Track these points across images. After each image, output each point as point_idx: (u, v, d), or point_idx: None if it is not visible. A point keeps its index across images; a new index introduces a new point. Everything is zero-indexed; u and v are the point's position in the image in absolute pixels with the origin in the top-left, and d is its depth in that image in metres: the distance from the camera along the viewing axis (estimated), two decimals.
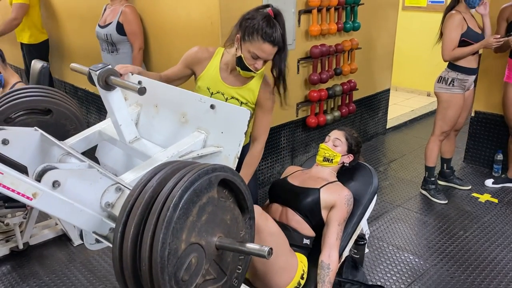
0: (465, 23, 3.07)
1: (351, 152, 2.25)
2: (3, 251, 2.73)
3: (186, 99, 1.45)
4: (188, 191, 0.88)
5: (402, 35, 5.56)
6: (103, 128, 1.54)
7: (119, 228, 0.91)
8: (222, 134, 1.35)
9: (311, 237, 2.07)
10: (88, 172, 1.05)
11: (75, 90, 4.92)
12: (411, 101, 6.03)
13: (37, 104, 1.57)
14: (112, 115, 1.41)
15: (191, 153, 1.33)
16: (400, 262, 2.69)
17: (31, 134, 1.28)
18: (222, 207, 0.98)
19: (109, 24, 3.38)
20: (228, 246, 0.96)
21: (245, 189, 1.05)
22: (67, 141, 1.45)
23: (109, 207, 1.07)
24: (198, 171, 0.92)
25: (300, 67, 3.55)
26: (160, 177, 0.94)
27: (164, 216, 0.85)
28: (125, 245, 0.89)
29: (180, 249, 0.88)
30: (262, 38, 1.81)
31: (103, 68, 1.33)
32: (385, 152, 4.45)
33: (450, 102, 3.23)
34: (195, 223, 0.91)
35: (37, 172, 1.00)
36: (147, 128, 1.55)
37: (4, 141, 1.21)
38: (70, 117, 1.62)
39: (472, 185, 3.62)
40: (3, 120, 1.51)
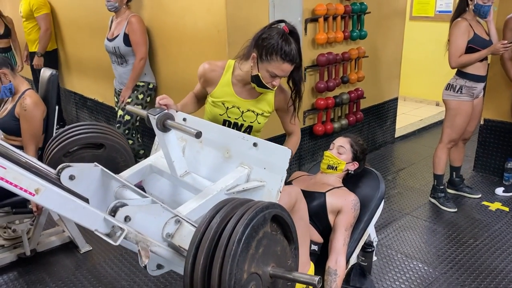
0: (471, 29, 3.07)
1: (356, 159, 2.23)
2: (10, 258, 2.74)
3: (230, 137, 1.58)
4: (249, 228, 1.01)
5: (410, 45, 5.56)
6: (154, 162, 1.70)
7: (189, 259, 1.03)
8: (264, 170, 1.46)
9: (318, 243, 2.05)
10: (153, 207, 1.19)
11: (85, 100, 4.97)
12: (419, 111, 6.00)
13: (93, 140, 1.73)
14: (167, 153, 1.55)
15: (237, 187, 1.46)
16: (409, 270, 2.65)
17: (92, 169, 1.41)
18: (274, 240, 1.11)
19: (116, 37, 3.42)
20: (280, 275, 1.09)
21: (291, 223, 1.16)
22: (122, 174, 1.61)
23: (169, 237, 1.20)
24: (256, 209, 1.05)
25: (307, 75, 3.55)
26: (222, 214, 1.07)
27: (230, 250, 0.98)
28: (195, 275, 1.01)
29: (243, 278, 1.01)
30: (281, 59, 1.79)
31: (160, 113, 1.47)
32: (393, 161, 4.42)
33: (459, 110, 3.20)
34: (254, 255, 1.04)
35: (110, 208, 1.14)
36: (192, 161, 1.69)
37: (71, 177, 1.35)
38: (120, 151, 1.77)
39: (482, 194, 3.57)
40: (62, 155, 1.66)
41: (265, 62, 1.82)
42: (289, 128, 2.15)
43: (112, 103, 4.18)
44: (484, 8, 3.00)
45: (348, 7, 3.61)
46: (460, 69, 3.16)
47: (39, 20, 4.69)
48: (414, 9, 6.23)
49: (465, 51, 3.09)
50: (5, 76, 2.56)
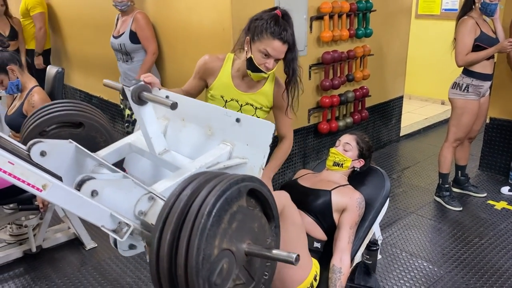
0: (478, 27, 3.05)
1: (362, 156, 2.23)
2: (16, 254, 2.76)
3: (212, 113, 1.51)
4: (221, 200, 0.94)
5: (415, 44, 5.54)
6: (133, 141, 1.62)
7: (156, 234, 0.95)
8: (247, 146, 1.40)
9: (322, 240, 2.05)
10: (123, 182, 1.11)
11: (90, 98, 4.99)
12: (425, 109, 5.97)
13: (70, 118, 1.64)
14: (144, 128, 1.47)
15: (218, 165, 1.39)
16: (413, 268, 2.64)
17: (66, 146, 1.34)
18: (250, 215, 1.03)
19: (122, 34, 3.43)
20: (256, 252, 1.01)
21: (271, 199, 1.10)
22: (99, 152, 1.52)
23: (142, 215, 1.12)
24: (229, 181, 0.98)
25: (312, 73, 3.55)
26: (193, 186, 0.99)
27: (198, 223, 0.90)
28: (161, 251, 0.94)
29: (213, 254, 0.93)
30: (271, 35, 1.81)
31: (136, 84, 1.40)
32: (398, 159, 4.41)
33: (465, 109, 3.19)
34: (226, 230, 0.96)
35: (77, 182, 1.05)
36: (174, 141, 1.62)
37: (42, 153, 1.27)
38: (100, 130, 1.68)
39: (487, 193, 3.56)
40: (38, 133, 1.57)
41: (256, 42, 1.84)
42: (282, 130, 2.08)
43: (117, 100, 4.20)
44: (491, 6, 2.98)
45: (354, 5, 3.60)
46: (467, 67, 3.14)
47: (34, 19, 4.79)
48: (419, 7, 6.21)
49: (472, 49, 3.07)
50: (12, 72, 2.58)
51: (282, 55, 1.88)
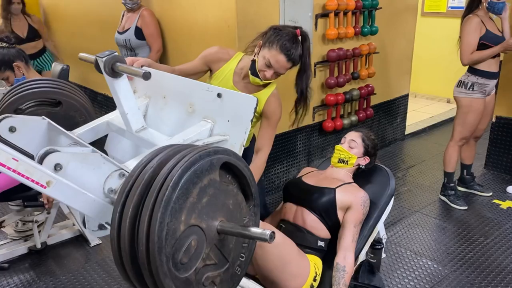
0: (483, 26, 3.02)
1: (367, 154, 2.22)
2: (21, 250, 2.77)
3: (194, 89, 1.44)
4: (188, 171, 0.86)
5: (421, 41, 5.50)
6: (111, 119, 1.53)
7: (117, 208, 0.89)
8: (228, 123, 1.34)
9: (326, 239, 2.04)
10: (91, 156, 1.03)
11: (95, 95, 5.00)
12: (430, 108, 5.94)
13: (46, 95, 1.56)
14: (119, 104, 1.39)
15: (197, 142, 1.33)
16: (418, 267, 2.63)
17: (38, 122, 1.26)
18: (224, 191, 0.95)
19: (127, 30, 3.43)
20: (229, 230, 0.94)
21: (250, 175, 1.02)
22: (75, 131, 1.44)
23: (112, 193, 1.05)
24: (200, 152, 0.90)
25: (317, 71, 3.53)
26: (160, 158, 0.92)
27: (162, 195, 0.83)
28: (123, 226, 0.87)
29: (179, 230, 0.86)
30: (280, 48, 1.85)
31: (110, 55, 1.31)
32: (403, 158, 4.39)
33: (470, 107, 3.16)
34: (195, 204, 0.88)
35: (40, 155, 0.99)
36: (155, 120, 1.54)
37: (11, 129, 1.20)
38: (79, 109, 1.61)
39: (493, 192, 3.53)
40: (12, 110, 1.50)
41: (265, 49, 1.88)
42: (261, 140, 2.04)
43: None
44: (499, 5, 2.95)
45: (359, 3, 3.58)
46: (472, 65, 3.12)
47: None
48: (426, 5, 6.17)
49: (477, 47, 3.04)
50: (18, 68, 2.58)
51: (283, 71, 1.91)
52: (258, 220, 1.08)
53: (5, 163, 0.94)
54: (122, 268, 0.91)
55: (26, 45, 4.30)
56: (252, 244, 1.07)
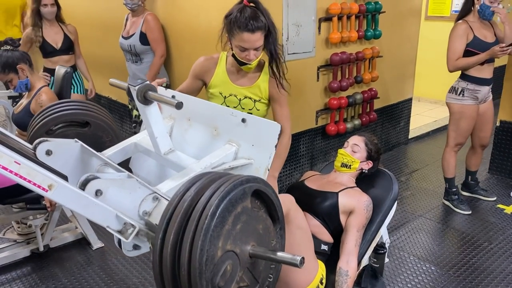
0: (471, 32, 2.99)
1: (370, 158, 2.21)
2: (24, 253, 2.77)
3: (218, 113, 1.50)
4: (225, 201, 0.93)
5: (425, 45, 5.48)
6: (139, 140, 1.61)
7: (159, 234, 0.95)
8: (253, 147, 1.39)
9: (329, 243, 2.03)
10: (128, 182, 1.10)
11: (98, 98, 5.01)
12: (434, 112, 5.93)
13: (76, 117, 1.64)
14: (149, 128, 1.46)
15: (223, 165, 1.38)
16: (421, 272, 2.61)
17: (72, 145, 1.33)
18: (255, 217, 1.02)
19: (132, 35, 3.44)
20: (261, 254, 1.00)
21: (277, 200, 1.08)
22: (105, 152, 1.51)
23: (146, 215, 1.11)
24: (234, 181, 0.97)
25: (320, 75, 3.53)
26: (197, 187, 0.99)
27: (202, 224, 0.90)
28: (165, 251, 0.94)
29: (216, 256, 0.92)
30: (239, 29, 1.83)
31: (142, 83, 1.39)
32: (407, 162, 4.38)
33: (462, 114, 3.14)
34: (230, 231, 0.95)
35: (81, 181, 1.05)
36: (180, 141, 1.61)
37: (48, 152, 1.27)
38: (106, 130, 1.69)
39: (497, 196, 3.52)
40: (44, 132, 1.58)
41: (232, 39, 1.89)
42: (281, 122, 2.05)
43: (126, 101, 4.21)
44: (487, 9, 2.93)
45: (363, 6, 3.58)
46: (463, 71, 3.10)
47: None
48: (429, 8, 6.16)
49: (464, 54, 3.02)
50: (22, 71, 2.60)
51: (258, 44, 1.88)
52: (284, 242, 1.13)
53: (7, 166, 0.94)
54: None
55: (58, 57, 3.68)
56: (279, 266, 1.13)
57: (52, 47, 3.65)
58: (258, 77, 2.04)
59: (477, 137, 3.32)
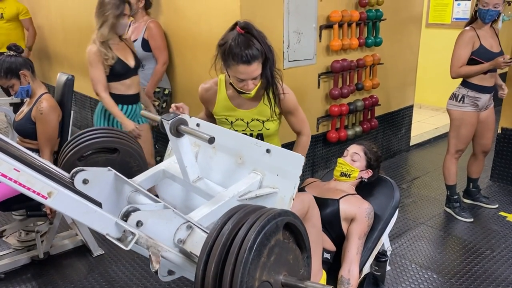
0: (477, 40, 2.99)
1: (370, 167, 2.20)
2: (24, 260, 2.76)
3: (243, 143, 1.56)
4: (260, 235, 0.99)
5: (426, 53, 5.50)
6: (166, 167, 1.69)
7: (200, 266, 1.01)
8: (277, 177, 1.44)
9: (331, 251, 2.02)
10: (165, 212, 1.18)
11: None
12: (435, 119, 5.92)
13: (107, 144, 1.72)
14: (180, 158, 1.54)
15: (249, 193, 1.44)
16: (423, 280, 2.60)
17: (106, 174, 1.40)
18: (286, 248, 1.08)
19: (134, 41, 3.45)
20: (292, 284, 1.07)
21: (304, 231, 1.14)
22: (135, 179, 1.60)
23: (181, 243, 1.18)
24: (268, 216, 1.03)
25: (321, 82, 3.54)
26: (234, 221, 1.05)
27: (242, 257, 0.96)
28: (206, 282, 0.99)
29: (254, 286, 0.99)
30: (235, 61, 1.77)
31: (174, 118, 1.46)
32: (408, 169, 4.37)
33: (462, 121, 3.13)
34: (265, 263, 1.01)
35: (123, 213, 1.13)
36: (205, 167, 1.68)
37: (85, 181, 1.33)
38: (134, 156, 1.75)
39: (499, 204, 3.50)
40: (76, 159, 1.66)
41: (228, 69, 1.85)
42: (296, 127, 2.12)
43: None
44: (483, 12, 2.92)
45: (364, 14, 3.59)
46: (465, 78, 3.10)
47: (28, 23, 5.17)
48: (430, 16, 6.18)
49: (468, 62, 3.02)
50: (24, 77, 2.60)
51: (255, 74, 1.82)
52: (310, 269, 1.19)
53: (7, 173, 0.94)
54: None
55: (131, 79, 2.97)
56: None
57: (125, 65, 2.91)
58: (262, 97, 1.99)
59: (478, 144, 3.32)
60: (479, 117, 3.16)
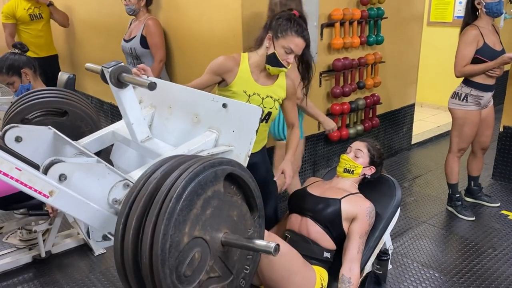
0: (481, 38, 2.97)
1: (373, 164, 2.20)
2: (26, 259, 2.77)
3: (199, 99, 1.45)
4: (192, 183, 0.85)
5: (427, 51, 5.49)
6: (117, 129, 1.54)
7: (121, 220, 0.89)
8: (233, 133, 1.35)
9: (331, 250, 2.02)
10: (96, 167, 1.03)
11: (101, 104, 5.03)
12: (437, 117, 5.91)
13: (53, 105, 1.57)
14: (124, 114, 1.40)
15: (202, 152, 1.33)
16: (425, 279, 2.59)
17: (44, 132, 1.28)
18: (228, 202, 0.95)
19: (133, 38, 3.45)
20: (233, 242, 0.93)
21: (254, 186, 1.02)
22: (80, 141, 1.44)
23: (117, 203, 1.05)
24: (204, 163, 0.90)
25: (323, 80, 3.53)
26: (165, 169, 0.92)
27: (166, 207, 0.82)
28: (126, 238, 0.87)
29: (182, 242, 0.85)
30: (296, 33, 1.99)
31: (116, 65, 1.33)
32: (410, 167, 4.36)
33: (466, 119, 3.12)
34: (199, 216, 0.87)
35: (45, 165, 0.99)
36: (160, 130, 1.55)
37: (17, 139, 1.21)
38: (85, 119, 1.61)
39: (501, 202, 3.49)
40: (19, 120, 1.51)
41: (280, 39, 2.00)
42: (291, 117, 2.24)
43: None
44: (495, 5, 2.88)
45: (365, 12, 3.58)
46: (467, 77, 3.08)
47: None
48: (431, 14, 6.17)
49: (472, 61, 3.00)
50: (26, 75, 2.61)
51: (300, 51, 2.04)
52: (263, 231, 1.06)
53: (8, 172, 0.94)
54: (125, 280, 0.90)
55: None
56: (257, 256, 1.05)
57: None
58: (277, 77, 2.14)
59: (477, 142, 3.31)
60: (481, 115, 3.15)
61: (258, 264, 1.07)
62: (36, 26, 4.54)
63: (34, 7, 4.49)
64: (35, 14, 4.51)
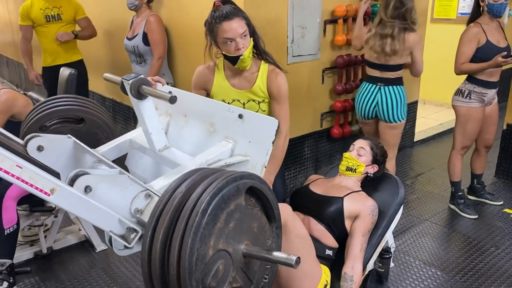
0: (483, 36, 2.94)
1: (376, 162, 2.19)
2: (27, 255, 2.77)
3: (215, 109, 1.47)
4: (217, 197, 0.89)
5: (431, 48, 5.45)
6: (134, 137, 1.58)
7: (148, 232, 0.92)
8: (249, 144, 1.36)
9: (333, 248, 2.01)
10: (119, 178, 1.07)
11: (103, 100, 5.02)
12: (439, 115, 5.89)
13: (71, 113, 1.61)
14: (143, 124, 1.43)
15: (219, 162, 1.35)
16: (427, 277, 2.59)
17: (64, 141, 1.31)
18: (249, 215, 0.98)
19: (135, 36, 3.43)
20: (255, 254, 0.96)
21: (273, 198, 1.04)
22: (99, 148, 1.48)
23: (138, 213, 1.08)
24: (227, 178, 0.93)
25: (325, 77, 3.51)
26: (189, 183, 0.95)
27: (192, 221, 0.86)
28: (154, 250, 0.90)
29: (208, 255, 0.88)
30: (218, 23, 1.86)
31: (136, 77, 1.35)
32: (412, 165, 4.34)
33: (469, 116, 3.10)
34: (222, 229, 0.91)
35: (70, 177, 1.02)
36: (176, 138, 1.58)
37: (39, 148, 1.24)
38: (102, 126, 1.65)
39: (504, 201, 3.48)
40: (38, 128, 1.54)
41: (217, 37, 1.91)
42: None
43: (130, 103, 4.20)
44: (496, 6, 2.87)
45: (368, 9, 3.55)
46: (469, 74, 3.06)
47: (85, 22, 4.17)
48: (435, 11, 6.13)
49: (474, 60, 2.97)
50: None
51: (240, 29, 1.88)
52: (280, 241, 1.09)
53: (9, 170, 0.93)
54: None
55: None
56: (275, 266, 1.08)
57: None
58: (256, 77, 2.04)
59: (481, 139, 3.29)
60: (484, 112, 3.13)
61: (276, 273, 1.10)
62: (53, 29, 3.98)
63: (53, 6, 3.95)
64: (52, 15, 3.96)
